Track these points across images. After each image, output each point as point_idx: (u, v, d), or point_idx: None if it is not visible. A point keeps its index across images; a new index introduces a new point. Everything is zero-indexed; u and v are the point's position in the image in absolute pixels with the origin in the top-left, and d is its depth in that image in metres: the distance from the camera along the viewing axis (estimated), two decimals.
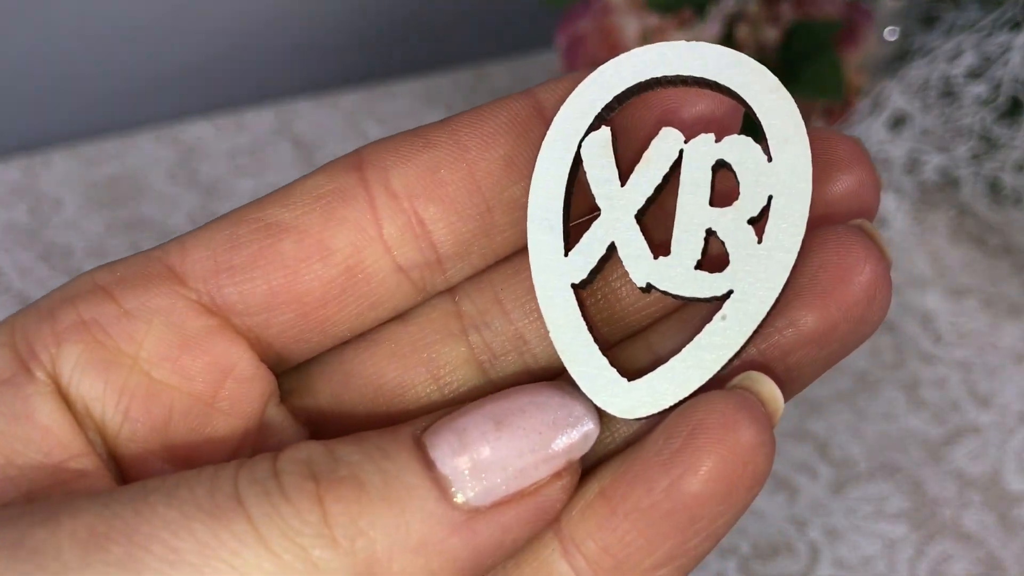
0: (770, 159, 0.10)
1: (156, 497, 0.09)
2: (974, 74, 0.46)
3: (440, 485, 0.09)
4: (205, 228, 0.13)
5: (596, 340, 0.10)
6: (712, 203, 0.10)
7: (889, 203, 0.44)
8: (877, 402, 0.39)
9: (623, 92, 0.10)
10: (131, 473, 0.11)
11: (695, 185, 0.10)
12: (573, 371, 0.10)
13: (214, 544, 0.08)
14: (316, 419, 0.12)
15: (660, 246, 0.10)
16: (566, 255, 0.10)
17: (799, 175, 0.10)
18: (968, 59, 0.43)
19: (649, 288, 0.10)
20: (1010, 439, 0.38)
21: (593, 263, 0.10)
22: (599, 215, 0.10)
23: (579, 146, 0.10)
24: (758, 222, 0.10)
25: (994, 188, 0.50)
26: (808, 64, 0.45)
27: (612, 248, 0.10)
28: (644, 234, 0.10)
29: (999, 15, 0.45)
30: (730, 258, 0.10)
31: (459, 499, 0.09)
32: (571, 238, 0.10)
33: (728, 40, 0.46)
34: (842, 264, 0.10)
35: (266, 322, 0.11)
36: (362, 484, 0.09)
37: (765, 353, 0.11)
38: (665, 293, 0.10)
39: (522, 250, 0.11)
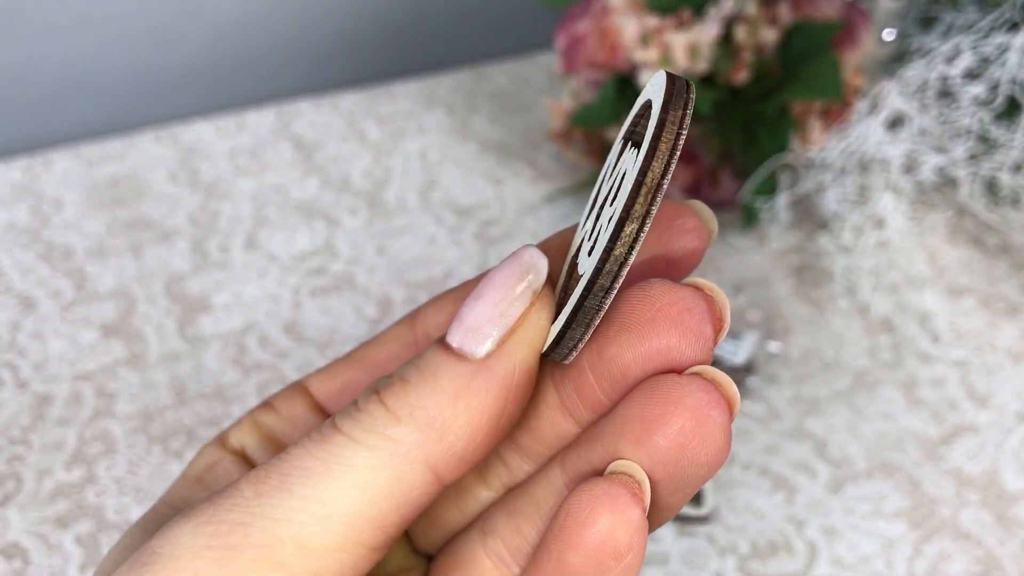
0: (638, 152, 0.13)
1: (287, 451, 0.13)
2: (972, 75, 0.46)
3: (455, 353, 0.13)
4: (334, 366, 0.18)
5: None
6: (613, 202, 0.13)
7: (887, 203, 0.44)
8: (875, 402, 0.39)
9: (636, 115, 0.14)
10: None
11: (612, 187, 0.13)
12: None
13: (328, 458, 0.13)
14: None
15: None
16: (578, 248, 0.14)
17: (633, 178, 0.12)
18: (966, 60, 0.43)
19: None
20: (1008, 438, 0.38)
21: (576, 246, 0.14)
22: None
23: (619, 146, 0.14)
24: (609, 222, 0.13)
25: (992, 188, 0.51)
26: (807, 65, 0.45)
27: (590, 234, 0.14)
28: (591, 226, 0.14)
29: (997, 16, 0.45)
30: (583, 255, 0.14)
31: (470, 353, 0.13)
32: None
33: (727, 41, 0.46)
34: (651, 415, 0.13)
35: None
36: (405, 379, 0.13)
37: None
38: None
39: None
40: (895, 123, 0.50)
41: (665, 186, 0.11)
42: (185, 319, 0.43)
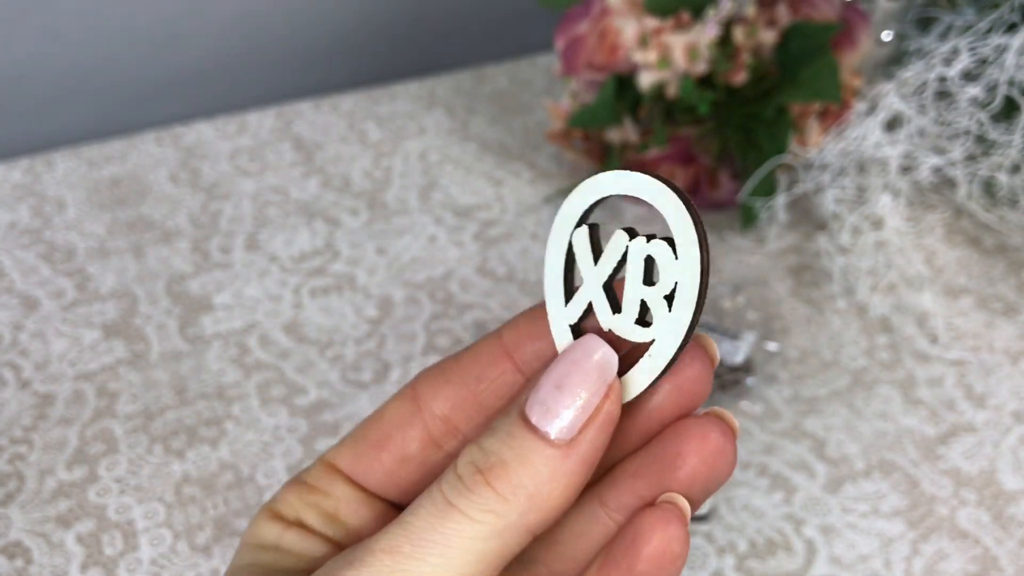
0: (676, 257, 0.15)
1: (401, 519, 0.17)
2: (970, 76, 0.46)
3: (545, 438, 0.16)
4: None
5: None
6: (645, 283, 0.16)
7: (885, 204, 0.44)
8: (873, 401, 0.40)
9: (591, 204, 0.17)
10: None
11: (636, 271, 0.16)
12: None
13: (448, 532, 0.16)
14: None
15: (617, 307, 0.16)
16: (566, 306, 0.17)
17: (692, 271, 0.15)
18: (964, 61, 0.43)
19: (610, 331, 0.17)
20: (1005, 438, 0.38)
21: (580, 313, 0.17)
22: (582, 283, 0.17)
23: (571, 238, 0.17)
24: (670, 298, 0.15)
25: (989, 189, 0.51)
26: (805, 66, 0.45)
27: (591, 304, 0.17)
28: (608, 297, 0.16)
29: (995, 17, 0.45)
30: (653, 319, 0.16)
31: (558, 439, 0.16)
32: (568, 296, 0.17)
33: (725, 42, 0.46)
34: (685, 450, 0.17)
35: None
36: (505, 462, 0.16)
37: None
38: (618, 337, 0.16)
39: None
40: (893, 124, 0.51)
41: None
42: (186, 319, 0.43)
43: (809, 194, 0.50)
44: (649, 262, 0.16)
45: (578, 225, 0.17)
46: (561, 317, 0.17)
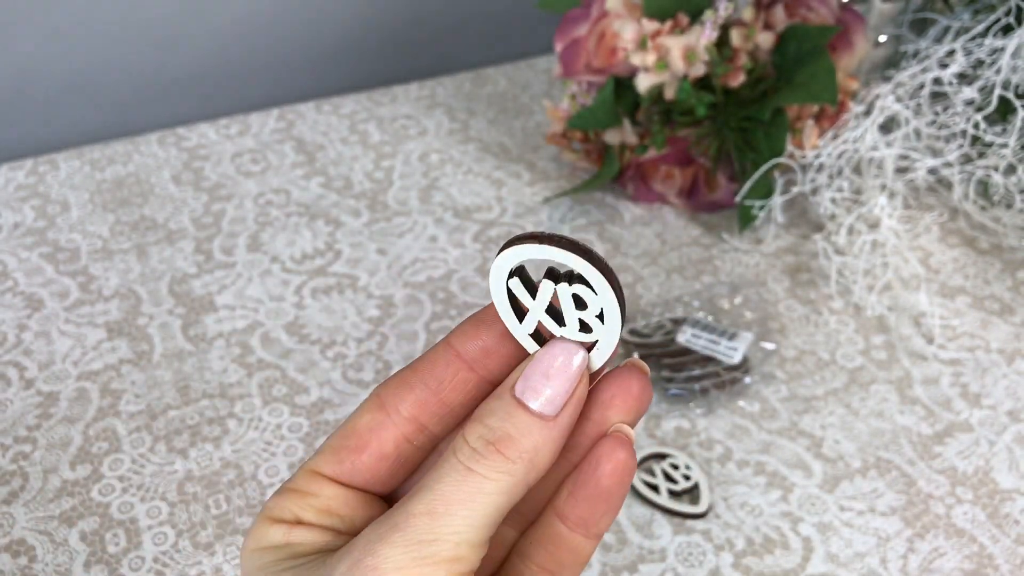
0: (596, 293, 0.21)
1: (428, 486, 0.20)
2: (965, 78, 0.47)
3: (537, 414, 0.21)
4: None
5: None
6: (576, 308, 0.21)
7: (881, 205, 0.45)
8: (870, 400, 0.40)
9: (518, 264, 0.22)
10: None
11: (568, 304, 0.21)
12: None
13: (472, 490, 0.20)
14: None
15: (561, 322, 0.22)
16: (520, 323, 0.22)
17: (611, 304, 0.21)
18: (959, 63, 0.43)
19: (562, 337, 0.22)
20: (1001, 436, 0.38)
21: (534, 327, 0.22)
22: (529, 311, 0.22)
23: (507, 285, 0.22)
24: (601, 316, 0.21)
25: (985, 190, 0.51)
26: (802, 69, 0.46)
27: (540, 323, 0.22)
28: (552, 317, 0.22)
29: (991, 21, 0.46)
30: (592, 328, 0.21)
31: (546, 415, 0.21)
32: (521, 317, 0.22)
33: (723, 45, 0.46)
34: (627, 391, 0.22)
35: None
36: (509, 434, 0.21)
37: None
38: (571, 340, 0.22)
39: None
40: (889, 126, 0.51)
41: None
42: (189, 319, 0.43)
43: (806, 195, 0.50)
44: (576, 297, 0.21)
45: (510, 276, 0.22)
46: (520, 331, 0.22)
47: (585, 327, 0.21)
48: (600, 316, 0.21)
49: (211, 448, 0.37)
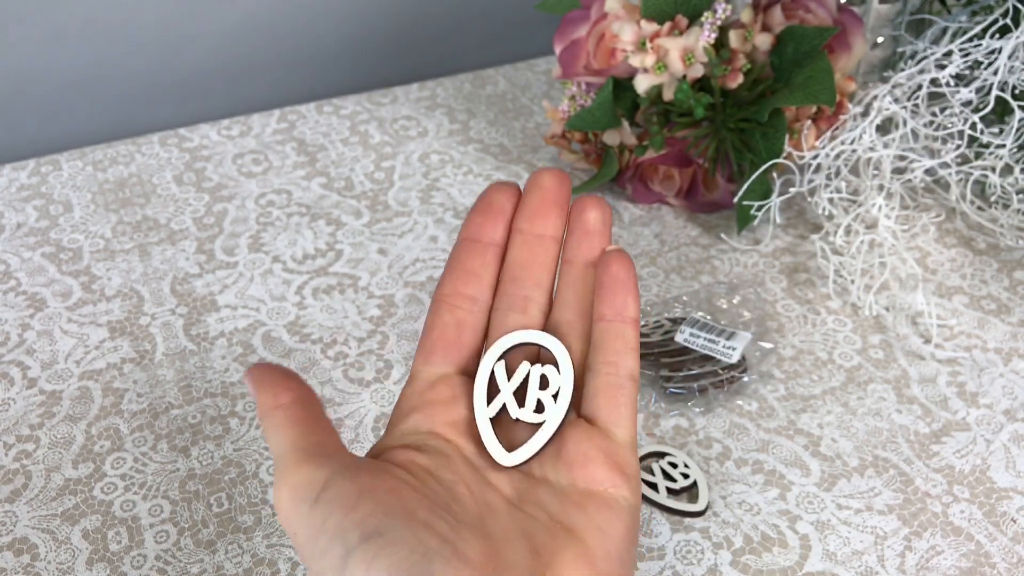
0: (560, 372, 0.26)
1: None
2: (962, 79, 0.47)
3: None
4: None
5: (500, 440, 0.26)
6: (540, 388, 0.27)
7: (879, 205, 0.45)
8: (867, 399, 0.40)
9: (507, 349, 0.27)
10: None
11: (535, 382, 0.27)
12: (489, 450, 0.26)
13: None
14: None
15: (522, 404, 0.27)
16: (488, 405, 0.26)
17: (567, 381, 0.26)
18: (956, 64, 0.43)
19: (518, 420, 0.26)
20: (997, 435, 0.39)
21: (496, 411, 0.26)
22: (500, 391, 0.27)
23: (492, 368, 0.27)
24: (556, 396, 0.26)
25: (982, 190, 0.51)
26: (800, 70, 0.46)
27: (504, 404, 0.26)
28: (516, 399, 0.27)
29: (988, 22, 0.46)
30: (545, 408, 0.26)
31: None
32: (490, 399, 0.27)
33: (721, 46, 0.46)
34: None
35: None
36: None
37: None
38: (526, 422, 0.26)
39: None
40: (887, 126, 0.51)
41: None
42: (191, 318, 0.44)
43: (804, 195, 0.51)
44: (543, 377, 0.26)
45: (498, 360, 0.27)
46: (484, 414, 0.26)
47: (540, 407, 0.26)
48: (555, 395, 0.26)
49: (213, 447, 0.38)
